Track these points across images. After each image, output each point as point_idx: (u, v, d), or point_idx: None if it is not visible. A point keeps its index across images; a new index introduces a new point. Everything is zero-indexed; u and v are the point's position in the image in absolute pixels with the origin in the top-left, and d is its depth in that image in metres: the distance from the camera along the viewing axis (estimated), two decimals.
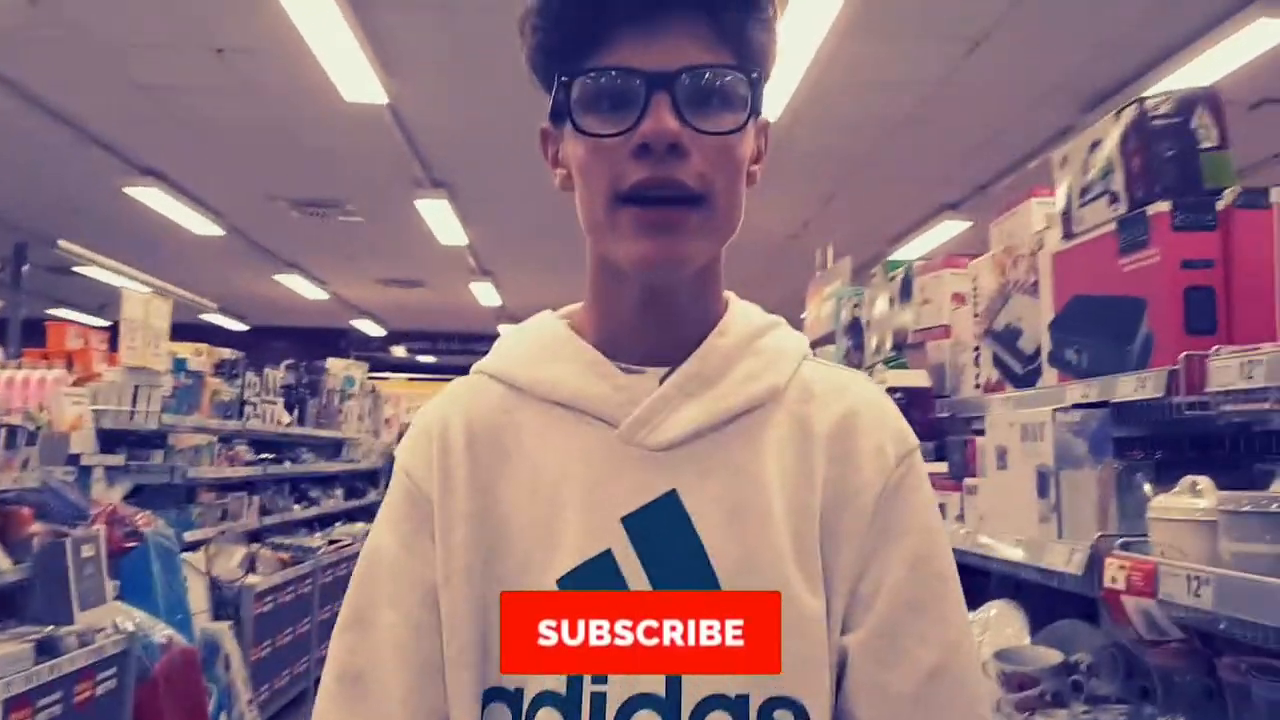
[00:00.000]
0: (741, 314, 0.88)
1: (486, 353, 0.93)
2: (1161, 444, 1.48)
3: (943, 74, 5.27)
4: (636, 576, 0.77)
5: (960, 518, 1.84)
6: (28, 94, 5.89)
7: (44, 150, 6.98)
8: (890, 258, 8.94)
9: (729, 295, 0.89)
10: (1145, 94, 1.45)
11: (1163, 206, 1.38)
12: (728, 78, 0.78)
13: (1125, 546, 1.26)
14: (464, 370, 0.93)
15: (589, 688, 0.75)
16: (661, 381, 0.83)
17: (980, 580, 2.07)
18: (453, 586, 0.80)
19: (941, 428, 2.19)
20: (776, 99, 5.29)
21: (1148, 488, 1.36)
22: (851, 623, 0.78)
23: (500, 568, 0.80)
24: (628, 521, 0.79)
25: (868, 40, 4.85)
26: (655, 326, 0.84)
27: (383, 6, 4.61)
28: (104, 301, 12.46)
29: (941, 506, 1.93)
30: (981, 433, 1.86)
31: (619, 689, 0.74)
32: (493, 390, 0.87)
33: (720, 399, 0.82)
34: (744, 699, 0.74)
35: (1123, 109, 1.47)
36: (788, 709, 0.74)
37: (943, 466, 2.09)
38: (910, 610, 0.78)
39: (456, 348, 15.75)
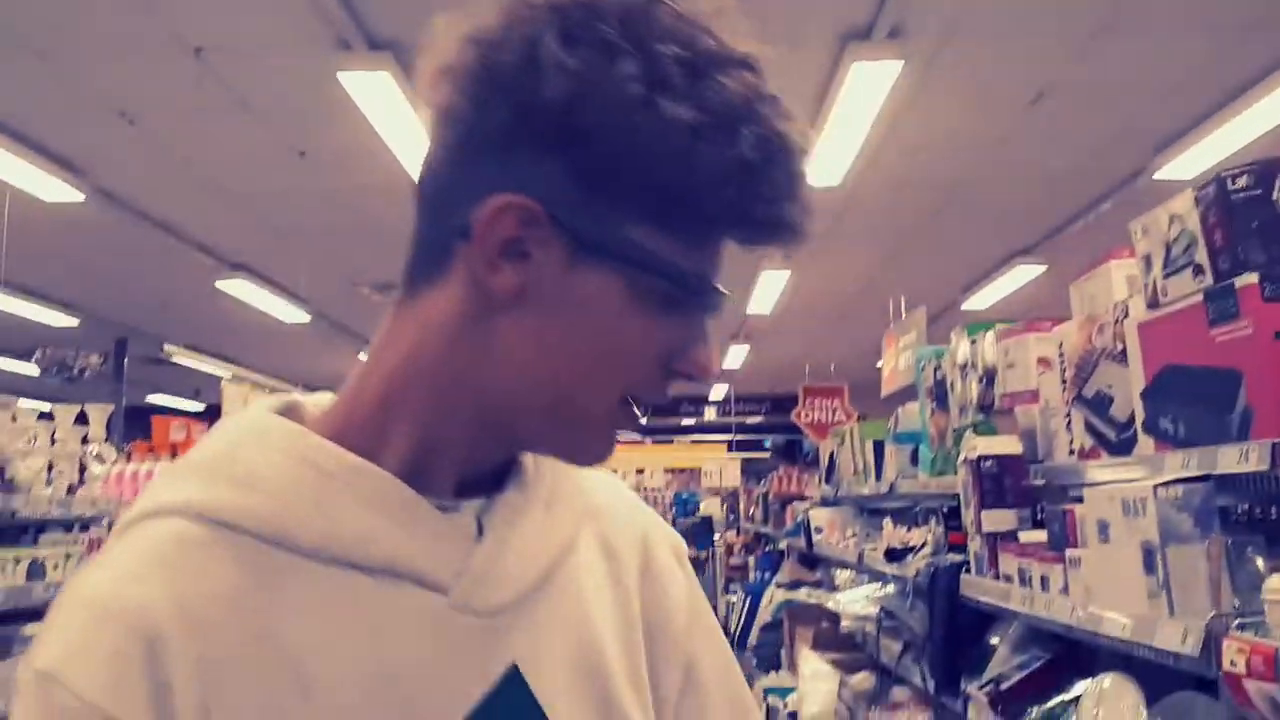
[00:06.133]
0: None
1: None
2: (1270, 514, 1.47)
3: (1008, 127, 5.28)
4: None
5: (1065, 590, 1.82)
6: (126, 204, 6.26)
7: (142, 254, 7.39)
8: (964, 306, 8.81)
9: None
10: (1224, 169, 1.46)
11: (1251, 279, 1.39)
12: None
13: (1242, 627, 1.24)
14: None
15: None
16: (480, 518, 0.65)
17: (1085, 649, 2.04)
18: None
19: (1035, 495, 2.18)
20: (838, 164, 5.35)
21: (1260, 562, 1.34)
22: None
23: None
24: None
25: (928, 101, 4.89)
26: (486, 464, 0.67)
27: None
28: (198, 386, 13.00)
29: (1044, 579, 1.92)
30: (1079, 499, 1.85)
31: None
32: (233, 554, 0.59)
33: (544, 532, 0.67)
34: None
35: (1203, 187, 1.49)
36: None
37: (1041, 535, 2.07)
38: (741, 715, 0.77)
39: None
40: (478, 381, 0.62)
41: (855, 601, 3.59)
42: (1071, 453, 2.04)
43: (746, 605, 5.15)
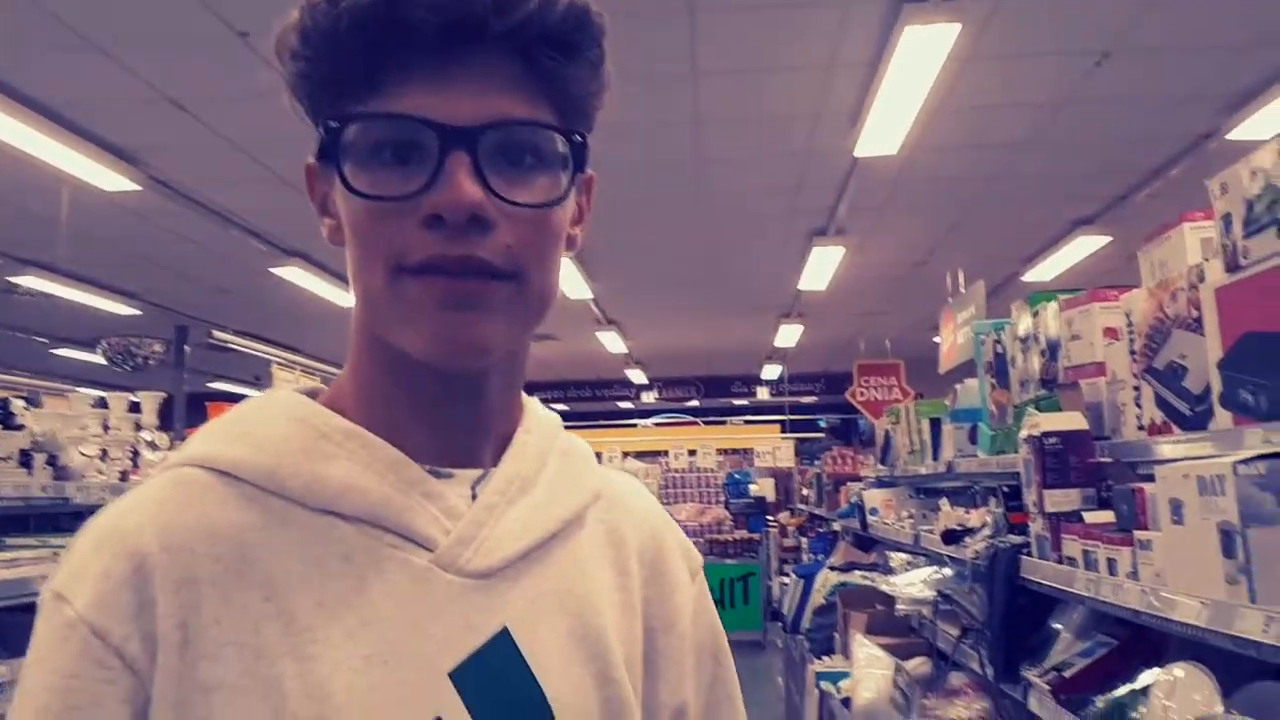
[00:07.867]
0: (533, 407, 0.76)
1: (618, 398, 0.73)
2: None
3: (1069, 89, 5.07)
4: None
5: (1133, 574, 1.72)
6: (182, 192, 6.34)
7: (199, 242, 7.49)
8: (1025, 278, 8.58)
9: None
10: None
11: None
12: (545, 137, 0.63)
13: None
14: (594, 417, 0.75)
15: None
16: (474, 487, 0.68)
17: (1153, 635, 1.93)
18: None
19: (1103, 473, 2.06)
20: (893, 132, 5.19)
21: None
22: None
23: None
24: (457, 676, 0.62)
25: (986, 65, 4.71)
26: (459, 421, 0.68)
27: None
28: (258, 373, 13.25)
29: (1111, 562, 1.82)
30: (1149, 478, 1.74)
31: None
32: (226, 494, 0.63)
33: (545, 507, 0.69)
34: None
35: None
36: None
37: (1108, 515, 1.96)
38: None
39: (587, 394, 15.98)
40: (362, 322, 0.67)
41: (911, 585, 3.49)
42: (1141, 428, 1.93)
43: (800, 588, 5.07)
